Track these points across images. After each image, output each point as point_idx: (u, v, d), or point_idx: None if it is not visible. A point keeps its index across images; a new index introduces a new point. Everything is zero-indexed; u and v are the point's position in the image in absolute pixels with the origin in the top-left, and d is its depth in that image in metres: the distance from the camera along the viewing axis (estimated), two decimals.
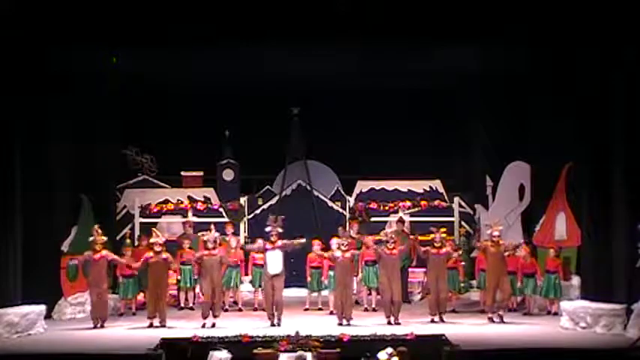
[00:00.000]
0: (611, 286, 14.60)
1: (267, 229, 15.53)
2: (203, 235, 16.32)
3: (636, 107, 14.10)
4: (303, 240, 15.65)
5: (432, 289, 15.67)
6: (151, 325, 15.19)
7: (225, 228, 17.67)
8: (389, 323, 15.15)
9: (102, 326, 15.30)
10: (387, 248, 15.49)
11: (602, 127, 14.89)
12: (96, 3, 14.74)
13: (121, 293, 16.85)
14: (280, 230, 15.42)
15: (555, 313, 16.02)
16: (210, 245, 15.34)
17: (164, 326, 15.15)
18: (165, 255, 15.46)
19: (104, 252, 15.49)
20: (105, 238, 15.66)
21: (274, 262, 15.19)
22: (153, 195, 19.68)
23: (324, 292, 16.92)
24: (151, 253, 15.49)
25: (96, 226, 15.72)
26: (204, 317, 15.16)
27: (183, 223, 18.55)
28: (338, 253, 15.46)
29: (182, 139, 19.65)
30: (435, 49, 16.41)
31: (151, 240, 15.69)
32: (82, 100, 17.13)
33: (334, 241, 15.99)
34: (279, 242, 15.25)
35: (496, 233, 15.59)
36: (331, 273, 16.34)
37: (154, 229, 16.54)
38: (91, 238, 15.51)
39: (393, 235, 15.92)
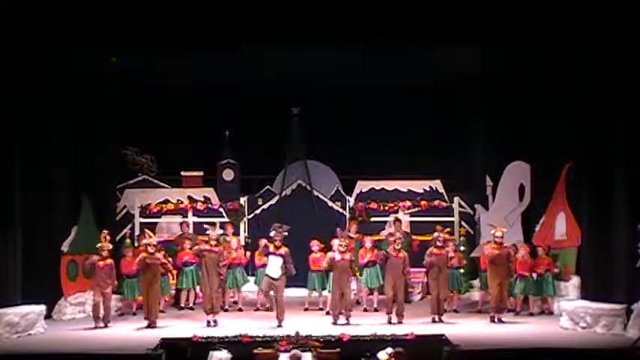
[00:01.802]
0: (611, 286, 14.59)
1: (272, 233, 15.56)
2: (207, 228, 16.29)
3: (636, 107, 14.10)
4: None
5: (433, 289, 15.67)
6: (149, 326, 15.18)
7: (225, 228, 17.69)
8: (389, 321, 15.15)
9: (105, 326, 15.32)
10: (394, 250, 15.50)
11: (602, 127, 14.88)
12: (96, 3, 14.73)
13: (124, 294, 16.79)
14: (285, 234, 15.47)
15: (551, 313, 16.11)
16: (212, 242, 15.35)
17: (153, 327, 15.10)
18: (158, 255, 15.45)
19: (109, 260, 15.53)
20: (111, 246, 15.69)
21: (274, 266, 15.24)
22: (153, 195, 19.67)
23: (324, 293, 16.93)
24: (144, 254, 15.48)
25: (105, 232, 15.78)
26: (208, 314, 15.18)
27: (181, 223, 18.55)
28: (337, 256, 15.46)
29: (182, 139, 19.62)
30: (435, 49, 16.41)
31: (143, 242, 15.67)
32: (82, 100, 17.15)
33: (335, 242, 16.02)
34: (282, 250, 15.30)
35: (499, 234, 15.59)
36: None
37: (146, 230, 16.52)
38: (99, 245, 15.54)
39: (400, 236, 15.94)
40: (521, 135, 18.24)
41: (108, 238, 15.67)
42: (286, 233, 15.49)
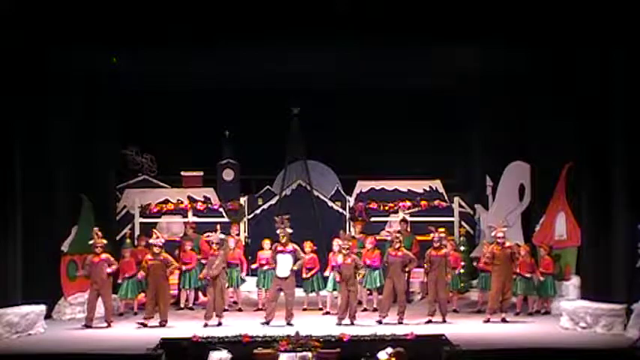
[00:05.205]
0: (611, 286, 14.59)
1: (278, 231, 15.53)
2: (208, 236, 16.27)
3: (636, 107, 14.10)
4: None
5: (430, 290, 15.65)
6: (145, 326, 15.14)
7: (230, 228, 17.74)
8: (379, 322, 15.12)
9: (109, 326, 15.32)
10: (393, 249, 15.48)
11: (602, 127, 14.88)
12: (96, 3, 14.74)
13: (121, 294, 16.81)
14: (290, 231, 15.45)
15: (547, 312, 16.22)
16: (214, 246, 15.34)
17: (164, 326, 15.13)
18: (163, 256, 15.43)
19: (104, 255, 15.50)
20: (105, 241, 15.67)
21: (284, 265, 15.25)
22: (153, 195, 19.67)
23: (323, 292, 16.93)
24: (149, 255, 15.48)
25: (96, 229, 15.74)
26: (207, 318, 15.17)
27: (185, 224, 18.55)
28: (340, 258, 15.44)
29: (182, 139, 19.65)
30: (435, 49, 16.41)
31: (151, 240, 15.67)
32: (82, 100, 17.15)
33: (336, 242, 16.01)
34: (290, 246, 15.28)
35: (500, 234, 15.58)
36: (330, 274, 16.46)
37: (154, 230, 16.52)
38: (91, 242, 15.53)
39: (399, 235, 15.92)
40: (521, 135, 18.24)
41: (99, 234, 15.64)
42: (290, 230, 15.44)
